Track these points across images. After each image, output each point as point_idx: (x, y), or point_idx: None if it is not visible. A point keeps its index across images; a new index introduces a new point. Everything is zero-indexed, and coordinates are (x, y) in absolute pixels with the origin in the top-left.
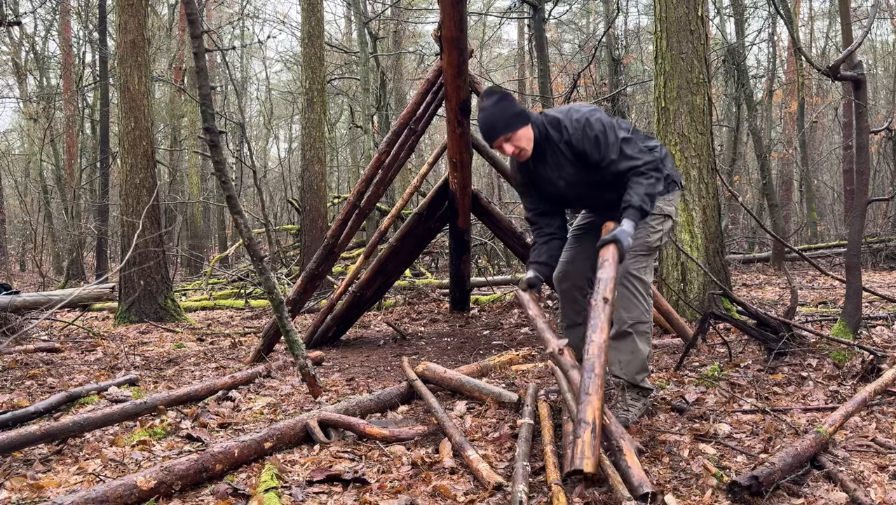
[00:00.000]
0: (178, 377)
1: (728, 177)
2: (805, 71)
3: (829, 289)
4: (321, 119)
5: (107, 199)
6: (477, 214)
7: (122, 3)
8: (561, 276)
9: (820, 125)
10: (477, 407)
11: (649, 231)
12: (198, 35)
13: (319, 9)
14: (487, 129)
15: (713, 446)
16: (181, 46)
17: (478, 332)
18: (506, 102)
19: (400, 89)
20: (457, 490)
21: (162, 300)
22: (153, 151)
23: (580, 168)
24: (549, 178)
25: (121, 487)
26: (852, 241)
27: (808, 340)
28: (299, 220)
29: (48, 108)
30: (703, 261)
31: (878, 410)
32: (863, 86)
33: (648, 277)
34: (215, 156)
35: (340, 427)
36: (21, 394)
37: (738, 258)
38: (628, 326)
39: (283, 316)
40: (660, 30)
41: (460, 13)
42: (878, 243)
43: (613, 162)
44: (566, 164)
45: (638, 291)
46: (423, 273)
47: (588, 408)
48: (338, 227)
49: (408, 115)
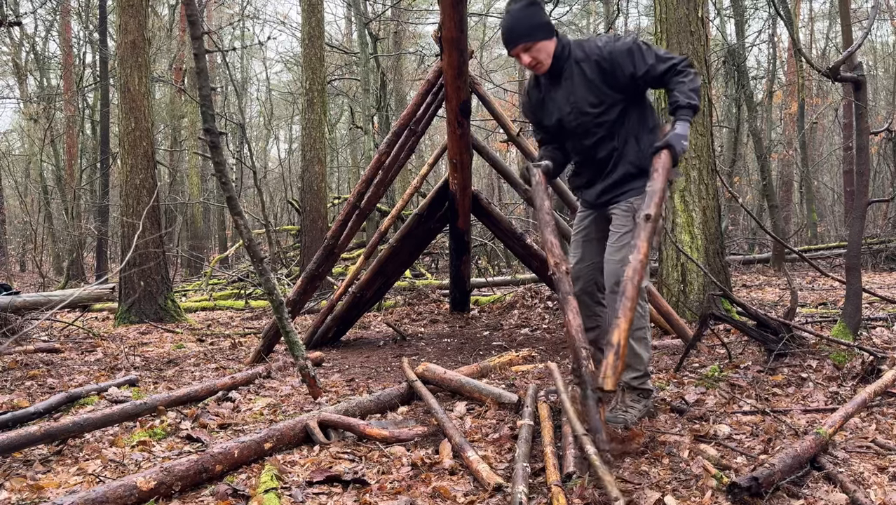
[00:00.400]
0: (178, 378)
1: (728, 178)
2: (805, 72)
3: (829, 290)
4: (321, 120)
5: (107, 200)
6: (477, 215)
7: (123, 4)
8: (573, 276)
9: (820, 126)
10: (477, 408)
11: None
12: (198, 36)
13: (320, 9)
14: (508, 33)
15: (713, 447)
16: (181, 47)
17: (478, 332)
18: (533, 9)
19: (400, 90)
20: (457, 491)
21: (162, 301)
22: (153, 152)
23: (594, 94)
24: (558, 103)
25: (121, 488)
26: (852, 242)
27: (808, 342)
28: (299, 220)
29: (48, 108)
30: (703, 262)
31: (878, 412)
32: (863, 87)
33: (644, 282)
34: (216, 157)
35: (340, 428)
36: (21, 394)
37: (738, 259)
38: None
39: (284, 317)
40: (660, 31)
41: (461, 14)
42: (878, 244)
43: (652, 67)
44: (581, 88)
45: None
46: (424, 274)
47: (615, 331)
48: (338, 228)
49: (408, 116)
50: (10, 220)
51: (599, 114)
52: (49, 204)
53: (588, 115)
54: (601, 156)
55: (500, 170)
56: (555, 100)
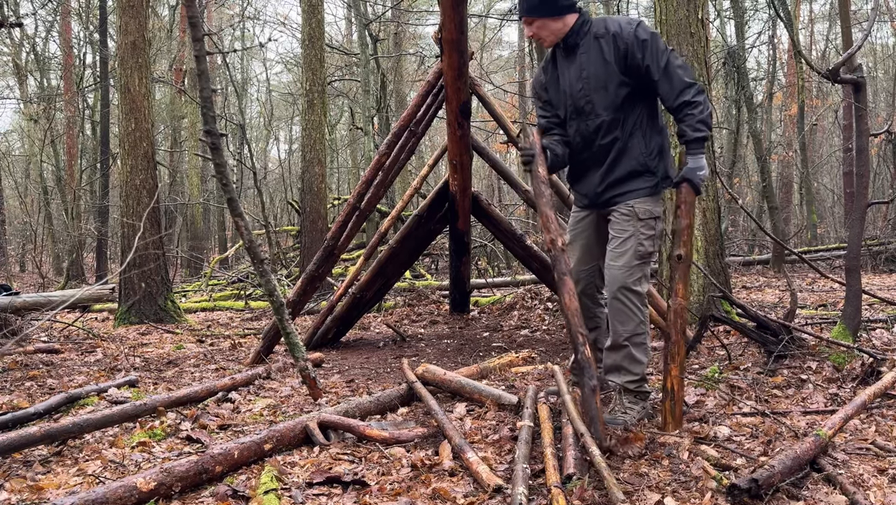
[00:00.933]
0: (177, 379)
1: (728, 179)
2: (805, 74)
3: (829, 291)
4: (321, 120)
5: (107, 201)
6: (477, 216)
7: (123, 5)
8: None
9: (820, 128)
10: (477, 409)
11: (641, 239)
12: (199, 38)
13: (320, 10)
14: (520, 2)
15: (713, 449)
16: (182, 48)
17: (478, 334)
18: None
19: (400, 91)
20: (456, 492)
21: (162, 301)
22: (153, 153)
23: (608, 71)
24: (569, 79)
25: (120, 489)
26: (852, 243)
27: (808, 343)
28: (299, 221)
29: (48, 109)
30: (703, 263)
31: (878, 413)
32: (863, 89)
33: (643, 288)
34: (216, 158)
35: (340, 429)
36: (21, 395)
37: (737, 261)
38: (624, 340)
39: (284, 318)
40: (660, 32)
41: (461, 15)
42: (877, 246)
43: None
44: (594, 63)
45: (633, 303)
46: (423, 275)
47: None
48: (338, 229)
49: (408, 117)
50: (10, 221)
51: (607, 94)
52: (49, 204)
53: (597, 93)
54: (603, 142)
55: (500, 171)
56: (567, 75)
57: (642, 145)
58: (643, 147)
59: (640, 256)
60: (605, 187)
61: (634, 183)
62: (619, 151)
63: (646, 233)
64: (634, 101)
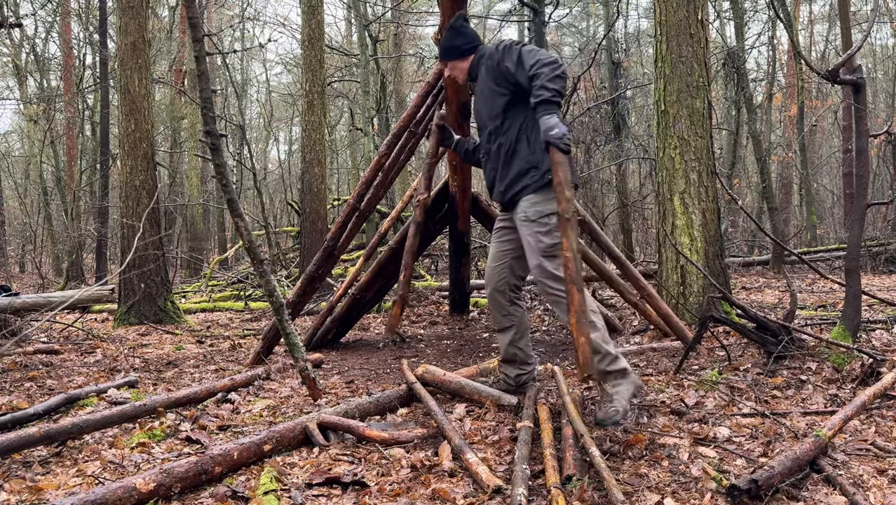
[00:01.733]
0: (177, 379)
1: (728, 180)
2: (805, 74)
3: (829, 292)
4: (321, 121)
5: (107, 201)
6: (477, 217)
7: (123, 5)
8: (487, 277)
9: (819, 129)
10: (476, 410)
11: (539, 237)
12: (199, 39)
13: (320, 11)
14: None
15: (712, 450)
16: (181, 48)
17: (477, 334)
18: (451, 33)
19: (400, 92)
20: (456, 493)
21: (161, 302)
22: (153, 153)
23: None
24: (476, 104)
25: (120, 490)
26: (852, 244)
27: (808, 344)
28: (299, 222)
29: (48, 109)
30: (703, 264)
31: (878, 414)
32: (862, 89)
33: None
34: (216, 159)
35: (340, 430)
36: (20, 396)
37: (737, 261)
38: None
39: (284, 319)
40: (660, 33)
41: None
42: (877, 247)
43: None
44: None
45: (559, 289)
46: (423, 276)
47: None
48: (338, 230)
49: (408, 118)
50: (10, 222)
51: (492, 106)
52: (49, 205)
53: (485, 107)
54: (494, 147)
55: None
56: (476, 101)
57: (528, 147)
58: (528, 148)
59: (544, 251)
60: (504, 187)
61: (524, 180)
62: (509, 154)
63: (542, 231)
64: (517, 109)
